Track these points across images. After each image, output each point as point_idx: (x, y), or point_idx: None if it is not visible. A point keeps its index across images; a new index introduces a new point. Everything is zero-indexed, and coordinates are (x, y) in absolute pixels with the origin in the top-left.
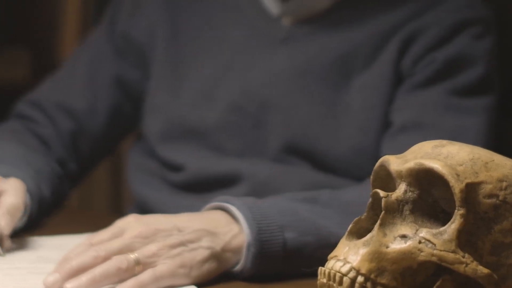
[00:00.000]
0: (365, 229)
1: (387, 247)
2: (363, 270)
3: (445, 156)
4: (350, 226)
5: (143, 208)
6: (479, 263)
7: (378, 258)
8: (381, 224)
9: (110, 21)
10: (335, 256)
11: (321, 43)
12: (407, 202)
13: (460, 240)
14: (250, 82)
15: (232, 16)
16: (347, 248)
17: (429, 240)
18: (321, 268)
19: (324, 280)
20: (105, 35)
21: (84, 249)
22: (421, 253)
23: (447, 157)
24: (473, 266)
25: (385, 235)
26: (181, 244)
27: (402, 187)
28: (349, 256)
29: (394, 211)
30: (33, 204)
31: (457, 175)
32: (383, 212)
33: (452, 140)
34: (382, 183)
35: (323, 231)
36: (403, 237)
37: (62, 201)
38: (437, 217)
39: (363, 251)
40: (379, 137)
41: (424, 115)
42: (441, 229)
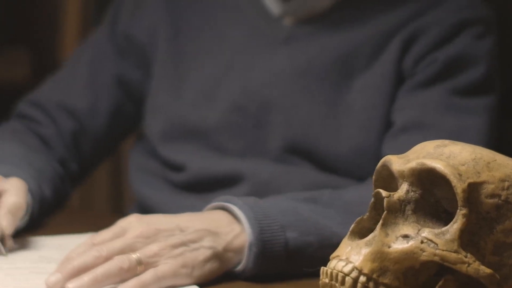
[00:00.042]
0: (367, 229)
1: (389, 247)
2: (365, 270)
3: (447, 156)
4: (352, 226)
5: (144, 208)
6: (481, 263)
7: (381, 258)
8: (383, 224)
9: (111, 21)
10: (337, 256)
11: (322, 43)
12: (409, 202)
13: (462, 240)
14: (251, 82)
15: (233, 16)
16: (349, 248)
17: (431, 240)
18: (323, 268)
19: (326, 280)
20: (106, 35)
21: (86, 249)
22: (423, 253)
23: (449, 157)
24: (475, 266)
25: (387, 235)
26: (183, 244)
27: (404, 187)
28: (351, 256)
29: (396, 211)
30: (34, 204)
31: (459, 175)
32: (385, 212)
33: (453, 140)
34: (384, 183)
35: (324, 231)
36: (405, 237)
37: (64, 201)
38: (439, 217)
39: (366, 251)
40: (380, 137)
41: (425, 115)
42: (443, 229)
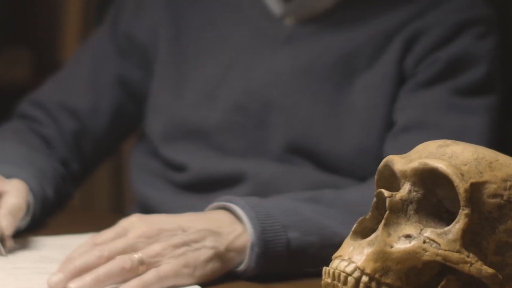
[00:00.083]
0: (369, 229)
1: (391, 247)
2: (367, 270)
3: (449, 156)
4: (355, 225)
5: (146, 208)
6: (483, 262)
7: (383, 258)
8: (385, 224)
9: (113, 21)
10: (340, 256)
11: (324, 43)
12: (411, 202)
13: (465, 240)
14: (252, 82)
15: (235, 16)
16: (351, 248)
17: (433, 240)
18: (326, 268)
19: (329, 280)
20: (108, 35)
21: (88, 249)
22: (426, 253)
23: (452, 157)
24: (477, 266)
25: (389, 235)
26: (185, 244)
27: (406, 187)
28: (353, 256)
29: (399, 211)
30: (36, 204)
31: (462, 174)
32: (387, 212)
33: (454, 140)
34: (386, 183)
35: (326, 231)
36: (408, 237)
37: (65, 201)
38: (441, 217)
39: (368, 251)
40: (382, 137)
41: (427, 115)
42: (446, 229)
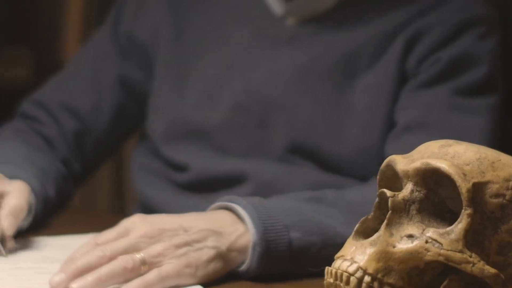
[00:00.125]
0: (371, 229)
1: (394, 246)
2: (370, 270)
3: (451, 156)
4: (357, 225)
5: (147, 208)
6: (486, 262)
7: (385, 257)
8: (387, 224)
9: (114, 22)
10: (342, 255)
11: (325, 42)
12: (413, 202)
13: (467, 239)
14: (254, 82)
15: (236, 16)
16: (354, 247)
17: (436, 240)
18: (328, 268)
19: (331, 280)
20: (109, 36)
21: (90, 249)
22: (428, 253)
23: (454, 157)
24: (480, 266)
25: (392, 234)
26: (187, 244)
27: (408, 186)
28: (356, 256)
29: (401, 211)
30: (38, 204)
31: (464, 174)
32: (389, 211)
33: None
34: (389, 183)
35: (328, 231)
36: (410, 236)
37: (67, 201)
38: (443, 217)
39: (370, 250)
40: (383, 137)
41: (428, 114)
42: (448, 228)
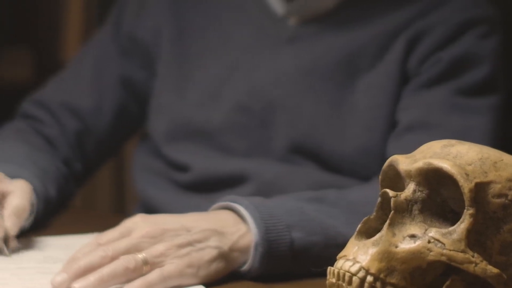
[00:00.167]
0: (374, 229)
1: (396, 246)
2: (372, 270)
3: (454, 156)
4: (359, 225)
5: (149, 208)
6: (488, 262)
7: (388, 257)
8: (390, 224)
9: (115, 22)
10: (345, 255)
11: (327, 42)
12: (416, 202)
13: (469, 239)
14: (256, 82)
15: (238, 16)
16: (356, 247)
17: (438, 240)
18: (330, 268)
19: (334, 280)
20: (111, 35)
21: (92, 249)
22: (431, 253)
23: (456, 157)
24: (482, 266)
25: (394, 234)
26: (189, 244)
27: (411, 186)
28: (358, 256)
29: (403, 211)
30: (39, 204)
31: (466, 174)
32: (392, 211)
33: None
34: (391, 183)
35: (330, 231)
36: (412, 236)
37: (68, 201)
38: (446, 217)
39: (373, 250)
40: (385, 137)
41: (430, 114)
42: (450, 228)
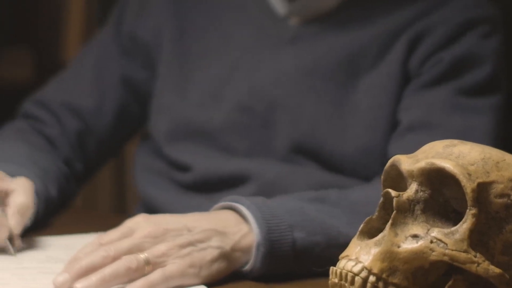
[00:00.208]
0: (376, 229)
1: (398, 246)
2: (375, 270)
3: (456, 156)
4: (362, 225)
5: (150, 208)
6: (490, 262)
7: (390, 257)
8: (392, 224)
9: (117, 22)
10: (347, 255)
11: (329, 42)
12: (418, 202)
13: (472, 239)
14: (257, 82)
15: (239, 16)
16: (358, 247)
17: (440, 240)
18: (333, 268)
19: (336, 280)
20: (112, 36)
21: (94, 249)
22: (433, 253)
23: (459, 157)
24: (484, 266)
25: (396, 234)
26: (191, 244)
27: (413, 186)
28: (360, 256)
29: (406, 211)
30: (40, 204)
31: (469, 174)
32: (394, 211)
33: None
34: (393, 183)
35: (332, 231)
36: (415, 236)
37: (69, 201)
38: (448, 217)
39: (375, 250)
40: (387, 137)
41: (432, 114)
42: (453, 228)
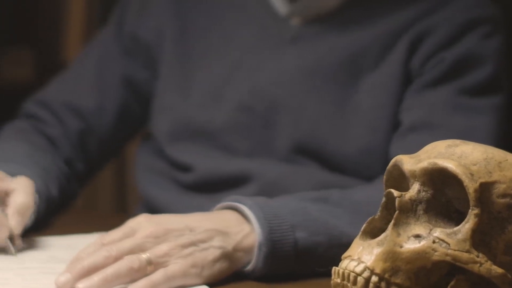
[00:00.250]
0: (378, 229)
1: (401, 246)
2: (377, 270)
3: (458, 156)
4: (364, 225)
5: (151, 208)
6: (493, 262)
7: (392, 257)
8: (395, 224)
9: (118, 22)
10: (349, 255)
11: (330, 42)
12: (420, 202)
13: (474, 239)
14: (259, 82)
15: (240, 16)
16: (361, 247)
17: (443, 240)
18: (335, 268)
19: (338, 280)
20: (113, 35)
21: (96, 249)
22: (435, 253)
23: (461, 157)
24: (487, 266)
25: (399, 234)
26: (193, 244)
27: (415, 186)
28: (363, 256)
29: (408, 211)
30: (41, 204)
31: (471, 174)
32: (397, 211)
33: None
34: (395, 183)
35: (334, 231)
36: (417, 236)
37: (70, 201)
38: (450, 217)
39: (377, 250)
40: (388, 137)
41: (433, 114)
42: (455, 228)
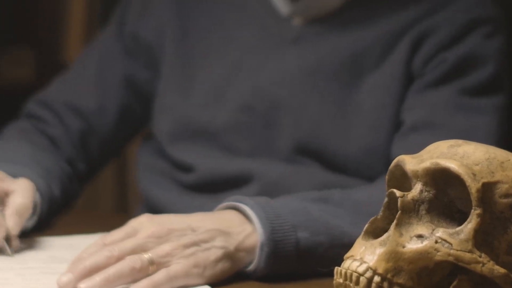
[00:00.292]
0: (381, 229)
1: (403, 247)
2: (379, 270)
3: (461, 156)
4: (366, 225)
5: (152, 209)
6: (495, 262)
7: (395, 258)
8: (397, 224)
9: (119, 22)
10: (352, 256)
11: (332, 42)
12: (423, 202)
13: (477, 239)
14: (260, 82)
15: (242, 16)
16: (363, 248)
17: (445, 240)
18: (338, 268)
19: (341, 280)
20: (114, 36)
21: (97, 249)
22: (438, 253)
23: (463, 157)
24: (489, 266)
25: (401, 235)
26: (195, 244)
27: (418, 186)
28: (365, 256)
29: (410, 211)
30: (43, 204)
31: (474, 174)
32: (399, 212)
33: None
34: (398, 183)
35: (335, 231)
36: (420, 237)
37: (71, 201)
38: (453, 217)
39: (380, 251)
40: (390, 137)
41: (435, 114)
42: (458, 229)
